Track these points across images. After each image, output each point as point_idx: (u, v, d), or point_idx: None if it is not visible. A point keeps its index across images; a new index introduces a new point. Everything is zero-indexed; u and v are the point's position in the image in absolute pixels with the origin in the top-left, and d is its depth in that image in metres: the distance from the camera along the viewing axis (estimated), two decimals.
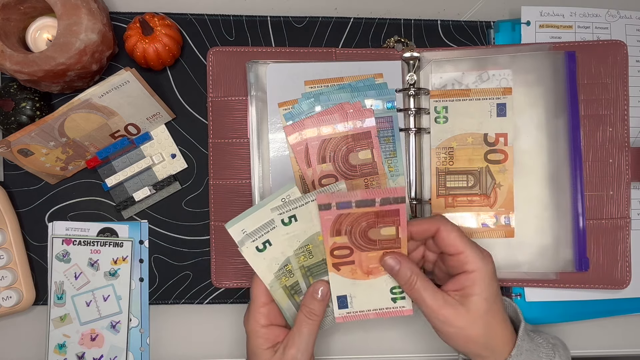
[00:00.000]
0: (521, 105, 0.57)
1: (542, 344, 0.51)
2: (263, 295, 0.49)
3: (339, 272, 0.49)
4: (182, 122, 0.59)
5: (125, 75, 0.51)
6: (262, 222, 0.47)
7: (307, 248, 0.48)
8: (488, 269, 0.47)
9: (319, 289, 0.49)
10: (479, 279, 0.46)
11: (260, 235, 0.47)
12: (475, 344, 0.47)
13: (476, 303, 0.46)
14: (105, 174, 0.58)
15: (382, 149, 0.56)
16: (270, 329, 0.49)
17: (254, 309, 0.49)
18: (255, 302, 0.49)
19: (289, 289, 0.50)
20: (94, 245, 0.58)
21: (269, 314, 0.49)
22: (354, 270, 0.49)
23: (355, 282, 0.49)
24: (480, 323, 0.46)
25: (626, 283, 0.57)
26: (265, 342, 0.48)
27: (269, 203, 0.47)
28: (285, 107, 0.56)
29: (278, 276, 0.49)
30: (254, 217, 0.47)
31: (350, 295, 0.50)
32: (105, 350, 0.58)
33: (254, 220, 0.47)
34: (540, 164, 0.57)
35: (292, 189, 0.47)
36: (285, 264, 0.49)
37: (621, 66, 0.58)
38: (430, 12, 0.62)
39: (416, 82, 0.57)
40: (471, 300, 0.46)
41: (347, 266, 0.49)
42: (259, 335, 0.49)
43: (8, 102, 0.55)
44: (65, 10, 0.51)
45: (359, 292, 0.50)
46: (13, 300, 0.56)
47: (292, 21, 0.60)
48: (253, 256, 0.48)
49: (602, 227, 0.58)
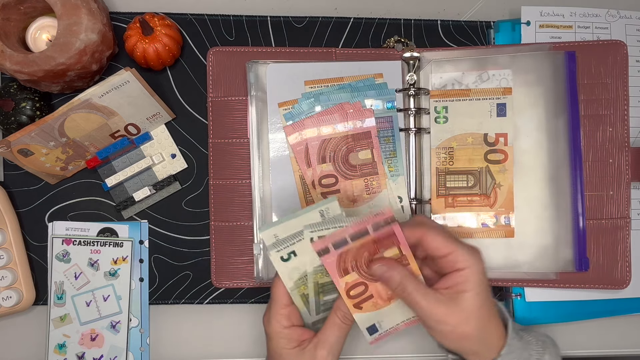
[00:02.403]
0: (521, 105, 0.57)
1: (532, 342, 0.51)
2: (285, 297, 0.49)
3: (362, 311, 0.48)
4: (182, 122, 0.59)
5: (125, 75, 0.51)
6: (293, 231, 0.46)
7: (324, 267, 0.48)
8: (479, 265, 0.47)
9: None
10: (471, 275, 0.46)
11: (287, 246, 0.46)
12: (470, 340, 0.47)
13: (469, 299, 0.46)
14: (105, 174, 0.58)
15: (382, 149, 0.56)
16: (292, 329, 0.49)
17: (276, 310, 0.49)
18: (278, 303, 0.49)
19: (305, 297, 0.50)
20: (94, 245, 0.58)
21: (290, 315, 0.49)
22: (375, 302, 0.48)
23: (379, 312, 0.49)
24: (475, 319, 0.46)
25: (626, 283, 0.57)
26: (289, 343, 0.48)
27: (305, 215, 0.46)
28: (285, 107, 0.56)
29: (297, 284, 0.48)
30: (287, 225, 0.46)
31: (378, 322, 0.49)
32: (105, 350, 0.58)
33: (286, 228, 0.46)
34: (540, 164, 0.57)
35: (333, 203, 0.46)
36: (304, 275, 0.48)
37: (621, 66, 0.58)
38: (430, 12, 0.62)
39: (416, 82, 0.57)
40: (464, 296, 0.46)
41: (368, 302, 0.48)
42: (282, 336, 0.48)
43: (8, 102, 0.55)
44: (65, 10, 0.51)
45: (385, 316, 0.49)
46: (13, 300, 0.56)
47: (292, 21, 0.60)
48: (279, 261, 0.47)
49: (602, 227, 0.58)
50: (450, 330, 0.46)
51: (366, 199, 0.56)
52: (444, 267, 0.47)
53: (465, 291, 0.46)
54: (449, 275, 0.47)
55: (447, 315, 0.46)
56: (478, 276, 0.46)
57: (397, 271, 0.46)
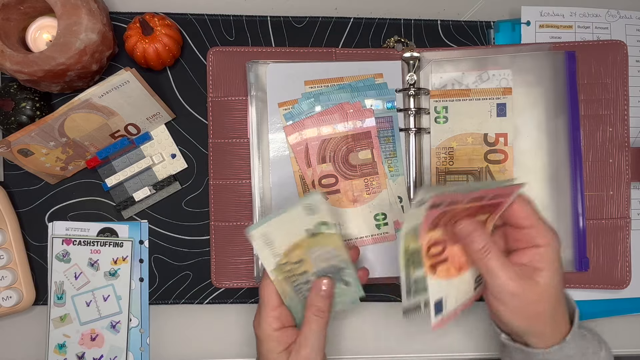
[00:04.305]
0: (521, 105, 0.57)
1: (587, 336, 0.50)
2: (273, 298, 0.48)
3: (436, 275, 0.46)
4: (182, 122, 0.59)
5: (125, 75, 0.51)
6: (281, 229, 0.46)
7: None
8: (557, 245, 0.46)
9: (323, 286, 0.48)
10: (549, 254, 0.45)
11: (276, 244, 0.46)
12: (541, 320, 0.46)
13: (547, 277, 0.45)
14: (105, 174, 0.58)
15: (382, 149, 0.56)
16: (282, 331, 0.48)
17: (265, 313, 0.48)
18: (267, 305, 0.48)
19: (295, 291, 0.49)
20: (94, 245, 0.58)
21: (280, 317, 0.48)
22: (448, 269, 0.47)
23: (449, 282, 0.47)
24: (548, 298, 0.45)
25: (626, 283, 0.57)
26: (278, 346, 0.48)
27: (290, 211, 0.45)
28: (285, 107, 0.56)
29: (285, 278, 0.48)
30: (276, 223, 0.45)
31: (445, 297, 0.47)
32: (105, 350, 0.58)
33: (276, 226, 0.45)
34: (540, 164, 0.57)
35: (314, 197, 0.45)
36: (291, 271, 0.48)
37: (621, 66, 0.58)
38: (430, 12, 0.62)
39: (416, 82, 0.57)
40: (542, 274, 0.45)
41: (442, 266, 0.46)
42: (272, 339, 0.48)
43: (8, 102, 0.55)
44: (65, 10, 0.51)
45: (452, 288, 0.47)
46: (13, 300, 0.56)
47: (292, 21, 0.60)
48: (268, 258, 0.46)
49: (602, 227, 0.58)
50: (524, 306, 0.45)
51: (366, 199, 0.56)
52: (521, 240, 0.46)
53: (543, 269, 0.45)
54: (525, 250, 0.46)
55: (524, 291, 0.45)
56: (555, 255, 0.46)
57: (482, 234, 0.45)
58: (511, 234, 0.47)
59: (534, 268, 0.45)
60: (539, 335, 0.47)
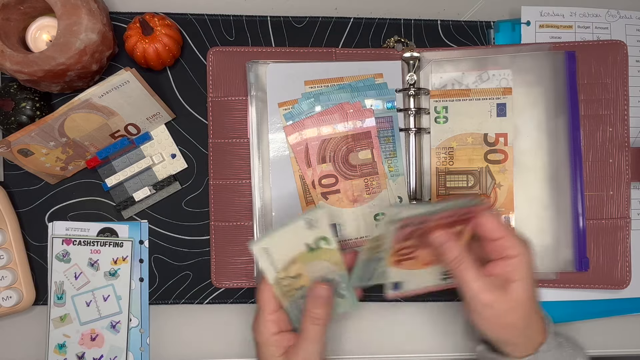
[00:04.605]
0: (521, 105, 0.57)
1: (564, 344, 0.50)
2: (271, 303, 0.48)
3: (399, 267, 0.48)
4: (182, 122, 0.59)
5: (125, 75, 0.51)
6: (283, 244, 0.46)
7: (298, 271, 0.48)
8: (529, 255, 0.46)
9: (320, 293, 0.47)
10: (521, 265, 0.46)
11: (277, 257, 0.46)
12: (514, 330, 0.46)
13: (518, 288, 0.45)
14: (105, 174, 0.58)
15: (382, 149, 0.56)
16: (281, 335, 0.48)
17: (263, 317, 0.48)
18: (265, 310, 0.48)
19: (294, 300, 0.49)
20: (94, 245, 0.58)
21: (278, 321, 0.48)
22: (414, 264, 0.48)
23: (411, 272, 0.49)
24: (521, 309, 0.46)
25: (626, 283, 0.57)
26: (277, 350, 0.48)
27: (293, 225, 0.46)
28: (285, 107, 0.56)
29: (285, 290, 0.48)
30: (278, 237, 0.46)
31: (405, 281, 0.49)
32: (105, 350, 0.58)
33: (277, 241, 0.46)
34: (540, 164, 0.57)
35: (318, 212, 0.45)
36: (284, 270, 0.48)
37: (621, 66, 0.58)
38: (430, 12, 0.62)
39: (416, 82, 0.57)
40: (513, 285, 0.45)
41: (408, 262, 0.48)
42: (270, 344, 0.48)
43: (8, 102, 0.55)
44: (65, 10, 0.51)
45: (413, 277, 0.49)
46: (13, 300, 0.56)
47: (292, 21, 0.60)
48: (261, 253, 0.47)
49: (602, 227, 0.58)
50: (496, 316, 0.46)
51: (366, 199, 0.56)
52: (492, 251, 0.47)
53: (515, 280, 0.45)
54: (497, 262, 0.46)
55: (496, 301, 0.45)
56: (527, 266, 0.46)
57: (456, 245, 0.46)
58: (485, 245, 0.48)
59: (506, 279, 0.46)
60: (513, 345, 0.47)
